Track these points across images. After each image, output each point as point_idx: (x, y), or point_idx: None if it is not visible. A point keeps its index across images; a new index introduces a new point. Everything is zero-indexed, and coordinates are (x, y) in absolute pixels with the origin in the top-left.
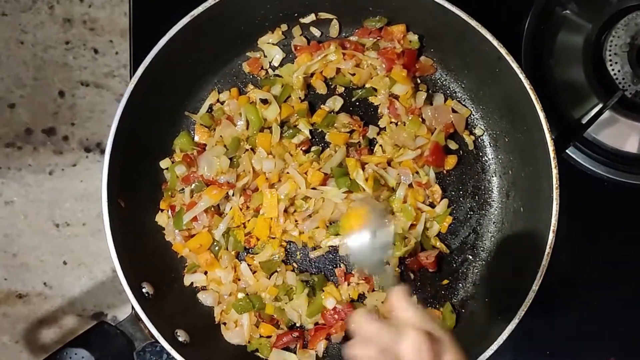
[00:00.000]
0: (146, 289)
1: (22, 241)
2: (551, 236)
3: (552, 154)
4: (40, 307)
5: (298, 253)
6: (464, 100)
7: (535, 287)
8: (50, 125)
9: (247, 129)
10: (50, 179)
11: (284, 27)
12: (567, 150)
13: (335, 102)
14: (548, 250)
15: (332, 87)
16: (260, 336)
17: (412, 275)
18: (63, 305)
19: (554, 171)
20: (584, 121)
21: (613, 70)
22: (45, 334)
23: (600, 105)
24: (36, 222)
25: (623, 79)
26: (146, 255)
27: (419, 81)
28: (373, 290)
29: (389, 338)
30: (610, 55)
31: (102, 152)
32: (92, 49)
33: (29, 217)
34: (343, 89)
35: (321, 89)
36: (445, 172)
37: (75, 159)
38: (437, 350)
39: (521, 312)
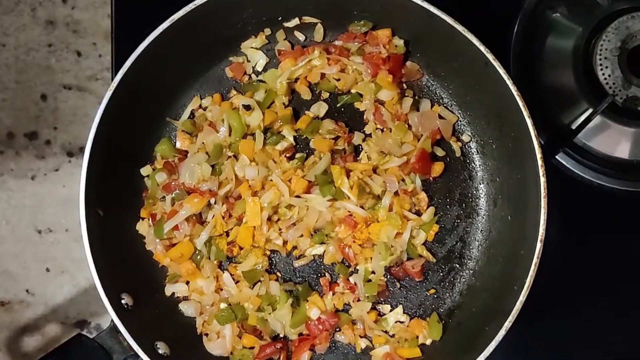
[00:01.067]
0: (125, 300)
1: (4, 248)
2: (539, 246)
3: (539, 162)
4: (23, 314)
5: (282, 262)
6: (451, 106)
7: (522, 297)
8: (33, 129)
9: (230, 135)
10: (33, 184)
11: (268, 31)
12: (556, 156)
13: (320, 108)
14: (536, 260)
15: (316, 92)
16: (243, 347)
17: (398, 285)
18: (46, 313)
19: (542, 179)
20: (573, 126)
21: (603, 74)
22: (28, 342)
23: (590, 111)
24: (18, 228)
25: (614, 83)
26: (126, 265)
27: (405, 87)
28: (358, 300)
29: None
30: (600, 59)
31: None
32: (75, 52)
33: (11, 223)
34: (328, 94)
35: (305, 95)
36: (431, 179)
37: (57, 163)
38: None
39: (508, 323)
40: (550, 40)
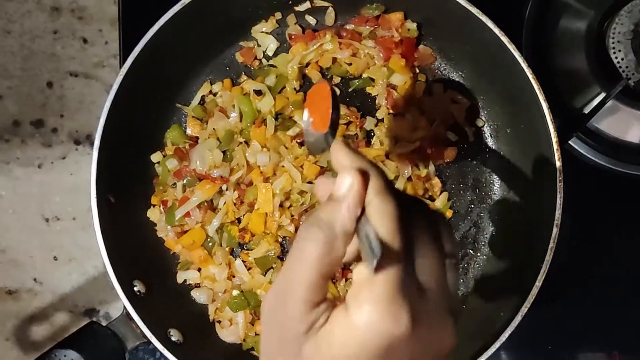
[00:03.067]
0: (138, 287)
1: (11, 236)
2: (555, 230)
3: (555, 146)
4: (30, 303)
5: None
6: (464, 90)
7: (538, 282)
8: (39, 117)
9: (241, 121)
10: (39, 172)
11: (278, 15)
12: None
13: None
14: (552, 245)
15: (328, 77)
16: (256, 334)
17: None
18: (54, 302)
19: (558, 163)
20: (586, 111)
21: (616, 58)
22: (36, 331)
23: (602, 94)
24: (25, 216)
25: (627, 67)
26: (137, 252)
27: (417, 71)
28: None
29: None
30: (613, 42)
31: (92, 144)
32: (80, 39)
33: (17, 212)
34: (339, 79)
35: (317, 80)
36: (445, 164)
37: (64, 151)
38: (374, 186)
39: (524, 309)
40: (563, 23)
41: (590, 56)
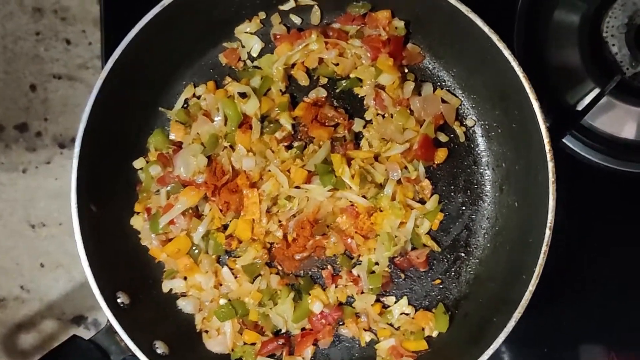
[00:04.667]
0: (121, 298)
1: None
2: (548, 233)
3: (547, 146)
4: (18, 311)
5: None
6: (454, 90)
7: (532, 287)
8: (22, 120)
9: (225, 124)
10: (24, 177)
11: (262, 15)
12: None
13: (319, 94)
14: (545, 248)
15: (314, 78)
16: (245, 344)
17: (402, 276)
18: (41, 309)
19: (550, 164)
20: (579, 107)
21: (610, 52)
22: (24, 339)
23: (596, 90)
24: (10, 222)
25: (621, 61)
26: (121, 262)
27: (406, 70)
28: (362, 292)
29: None
30: (607, 37)
31: None
32: (64, 40)
33: (3, 218)
34: (326, 80)
35: (303, 81)
36: (435, 166)
37: (49, 155)
38: None
39: (518, 314)
40: (556, 16)
41: (584, 51)
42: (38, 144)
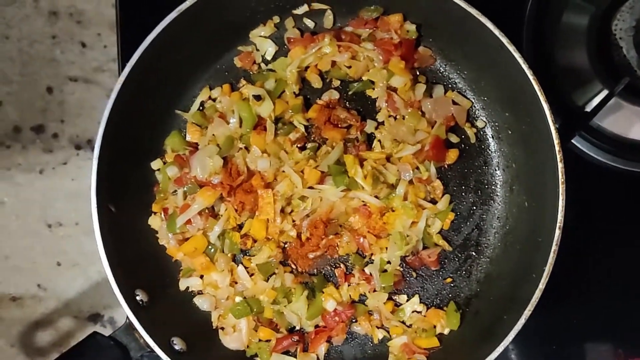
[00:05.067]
0: (140, 296)
1: (14, 243)
2: (557, 233)
3: (557, 147)
4: (35, 309)
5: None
6: (465, 91)
7: (542, 285)
8: (39, 122)
9: (241, 126)
10: (41, 178)
11: (276, 19)
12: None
13: (331, 96)
14: (555, 247)
15: (327, 80)
16: (260, 340)
17: (414, 274)
18: (58, 307)
19: (560, 165)
20: (588, 108)
21: (618, 55)
22: (41, 337)
23: (605, 92)
24: (28, 222)
25: (629, 63)
26: (139, 261)
27: (417, 72)
28: (374, 291)
29: None
30: (615, 39)
31: (93, 149)
32: (79, 43)
33: (20, 218)
34: (339, 82)
35: (316, 83)
36: (446, 166)
37: (65, 157)
38: None
39: (528, 312)
40: (564, 20)
41: (592, 53)
42: (55, 145)
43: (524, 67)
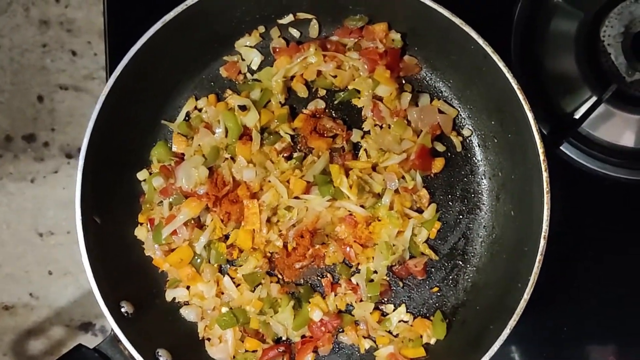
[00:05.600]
0: (125, 308)
1: (6, 251)
2: (542, 243)
3: (542, 156)
4: (27, 318)
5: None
6: (451, 100)
7: (527, 295)
8: (30, 131)
9: (226, 136)
10: (32, 186)
11: (262, 29)
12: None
13: (317, 106)
14: (539, 257)
15: (313, 90)
16: (246, 351)
17: (400, 284)
18: (50, 316)
19: (545, 174)
20: (577, 115)
21: (607, 61)
22: (33, 346)
23: (593, 98)
24: (19, 231)
25: (618, 70)
26: (125, 272)
27: (403, 81)
28: (361, 301)
29: None
30: (604, 45)
31: None
32: (70, 51)
33: (12, 227)
34: (325, 91)
35: (302, 93)
36: (432, 175)
37: (56, 165)
38: None
39: (513, 322)
40: (553, 26)
41: (581, 59)
42: (45, 154)
43: (508, 76)
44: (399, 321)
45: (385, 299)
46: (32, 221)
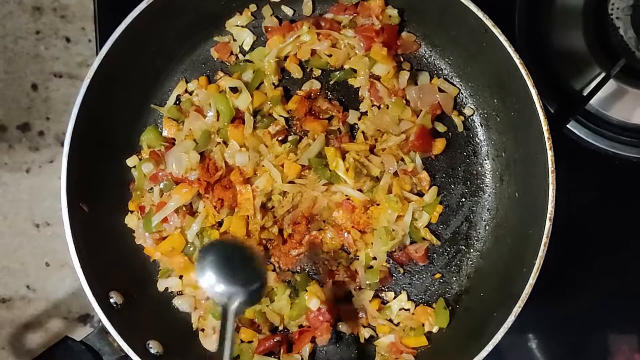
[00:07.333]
0: (114, 298)
1: (2, 243)
2: (548, 224)
3: (546, 134)
4: (25, 311)
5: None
6: (451, 78)
7: (532, 280)
8: (25, 120)
9: (218, 120)
10: (28, 177)
11: (253, 7)
12: (568, 125)
13: (312, 86)
14: (545, 240)
15: (307, 70)
16: (241, 342)
17: (401, 270)
18: (48, 309)
19: (549, 153)
20: (585, 92)
21: (616, 35)
22: (31, 339)
23: (602, 75)
24: (15, 222)
25: (626, 44)
26: (115, 262)
27: (401, 59)
28: (360, 288)
29: None
30: (612, 19)
31: None
32: (63, 38)
33: (8, 218)
34: (320, 71)
35: (296, 73)
36: (433, 157)
37: (52, 154)
38: None
39: (518, 309)
40: (559, 1)
41: (589, 34)
42: (41, 143)
43: (510, 49)
44: (400, 309)
45: (386, 286)
46: (28, 212)
